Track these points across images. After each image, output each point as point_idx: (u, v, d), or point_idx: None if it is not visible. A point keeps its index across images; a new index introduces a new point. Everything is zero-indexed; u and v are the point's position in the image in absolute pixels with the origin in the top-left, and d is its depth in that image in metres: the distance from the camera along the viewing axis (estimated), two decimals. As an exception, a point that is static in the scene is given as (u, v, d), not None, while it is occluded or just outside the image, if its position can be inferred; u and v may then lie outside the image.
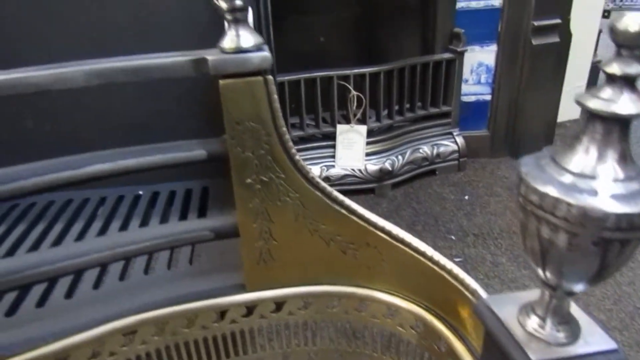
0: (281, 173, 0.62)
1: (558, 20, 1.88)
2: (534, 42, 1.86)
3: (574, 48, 2.06)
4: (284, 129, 0.60)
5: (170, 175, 1.09)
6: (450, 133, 1.99)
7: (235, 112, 0.57)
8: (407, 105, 1.90)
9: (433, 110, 1.93)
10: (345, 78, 1.71)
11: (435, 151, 1.95)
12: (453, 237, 1.58)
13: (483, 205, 1.76)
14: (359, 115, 1.77)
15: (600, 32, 2.37)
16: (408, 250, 0.65)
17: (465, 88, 1.97)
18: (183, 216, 0.95)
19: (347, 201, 0.65)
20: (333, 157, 1.82)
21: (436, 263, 0.62)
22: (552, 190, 0.35)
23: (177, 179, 1.12)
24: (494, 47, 1.92)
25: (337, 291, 0.70)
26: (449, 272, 0.60)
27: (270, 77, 0.57)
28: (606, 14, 2.37)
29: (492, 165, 2.04)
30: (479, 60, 1.95)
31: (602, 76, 2.23)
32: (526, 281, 1.39)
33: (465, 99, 2.00)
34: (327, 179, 1.78)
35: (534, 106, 1.99)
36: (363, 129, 1.78)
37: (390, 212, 1.75)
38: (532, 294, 0.45)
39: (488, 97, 2.01)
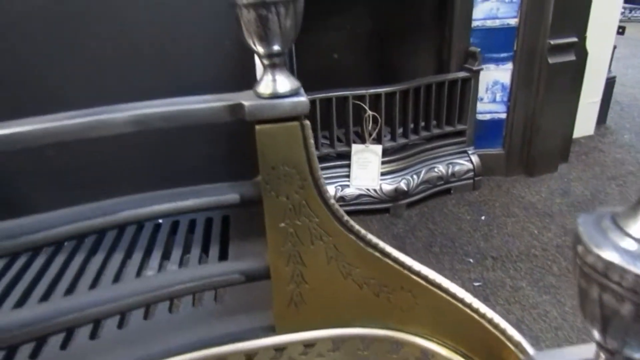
0: (315, 217, 0.60)
1: (574, 39, 1.87)
2: (551, 60, 1.84)
3: (588, 64, 2.04)
4: (320, 172, 0.58)
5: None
6: (465, 151, 1.97)
7: (271, 156, 0.56)
8: (422, 124, 1.89)
9: (448, 128, 1.92)
10: (361, 97, 1.70)
11: (450, 170, 1.93)
12: (471, 260, 1.56)
13: (500, 226, 1.74)
14: (374, 135, 1.75)
15: (614, 47, 2.36)
16: (444, 295, 0.63)
17: (480, 106, 1.96)
18: (205, 247, 0.94)
19: (381, 244, 0.64)
20: (348, 176, 1.80)
21: (475, 310, 0.60)
22: (617, 259, 0.34)
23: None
24: (509, 66, 1.91)
25: (368, 334, 0.69)
26: (489, 320, 0.58)
27: (307, 122, 0.55)
28: (620, 29, 2.35)
29: (507, 184, 2.02)
30: (495, 78, 1.93)
31: (621, 96, 2.19)
32: (547, 307, 1.36)
33: (480, 117, 1.98)
34: (341, 199, 1.77)
35: (550, 124, 1.97)
36: (378, 148, 1.77)
37: (406, 233, 1.73)
38: (585, 351, 0.43)
39: (503, 116, 2.00)
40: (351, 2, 1.92)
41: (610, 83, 2.44)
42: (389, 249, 0.63)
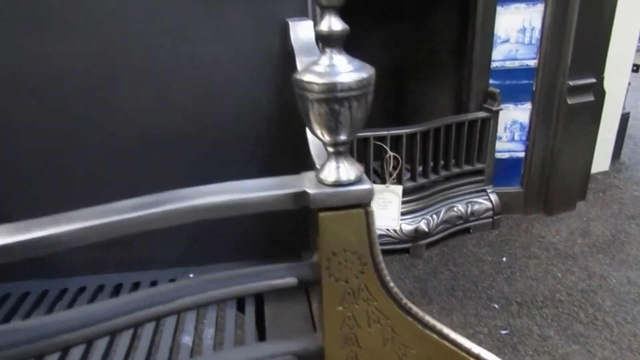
0: (374, 300, 0.59)
1: (593, 80, 1.88)
2: (570, 101, 1.85)
3: (604, 102, 2.05)
4: (380, 257, 0.57)
5: (221, 253, 1.07)
6: (484, 190, 1.96)
7: (333, 243, 0.55)
8: (442, 162, 1.88)
9: (467, 167, 1.91)
10: (382, 138, 1.70)
11: (469, 209, 1.92)
12: (496, 306, 1.53)
13: (522, 268, 1.72)
14: (394, 176, 1.74)
15: (629, 84, 2.37)
16: (505, 380, 0.61)
17: (498, 145, 1.96)
18: (240, 308, 0.92)
19: (439, 325, 0.62)
20: (368, 216, 1.79)
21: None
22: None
23: (228, 259, 1.10)
24: (528, 106, 1.91)
25: (421, 414, 0.66)
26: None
27: (371, 208, 0.54)
28: (635, 67, 2.36)
29: (526, 223, 2.00)
30: (513, 118, 1.94)
31: (634, 130, 2.19)
32: (577, 358, 1.33)
33: (498, 155, 1.98)
34: (361, 240, 1.75)
35: (568, 163, 1.97)
36: (399, 189, 1.76)
37: (427, 275, 1.71)
38: None
39: (521, 154, 1.99)
40: (367, 41, 1.93)
41: (624, 119, 2.44)
42: (446, 330, 0.62)
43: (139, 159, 1.01)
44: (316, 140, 0.64)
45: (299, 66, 0.79)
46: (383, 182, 1.77)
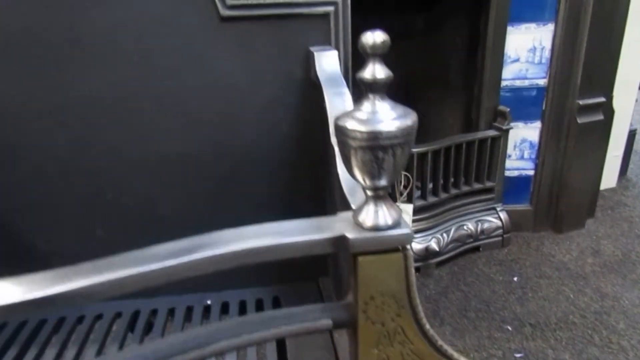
0: (410, 343, 0.58)
1: (602, 99, 1.88)
2: (579, 120, 1.85)
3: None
4: (418, 300, 0.56)
5: (238, 279, 1.06)
6: (494, 208, 1.96)
7: (371, 286, 0.54)
8: (452, 180, 1.88)
9: (477, 185, 1.91)
10: (393, 158, 1.69)
11: (479, 227, 1.91)
12: (509, 328, 1.52)
13: (534, 288, 1.71)
14: (405, 195, 1.74)
15: (636, 101, 2.37)
16: None
17: (508, 163, 1.96)
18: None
19: (473, 367, 0.61)
20: (378, 235, 1.78)
21: None
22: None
23: (244, 284, 1.09)
24: (538, 124, 1.91)
25: None
26: None
27: (409, 252, 0.54)
28: (642, 84, 2.37)
29: (536, 241, 2.00)
30: (523, 136, 1.94)
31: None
32: (593, 382, 1.32)
33: (507, 173, 1.98)
34: (372, 259, 1.74)
35: (577, 181, 1.97)
36: (409, 207, 1.75)
37: (439, 295, 1.70)
38: None
39: (531, 172, 1.99)
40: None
41: (631, 135, 2.45)
42: (481, 372, 0.61)
43: (161, 183, 1.00)
44: (349, 177, 0.63)
45: (326, 98, 0.78)
46: (394, 201, 1.76)
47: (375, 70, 0.48)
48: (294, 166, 1.04)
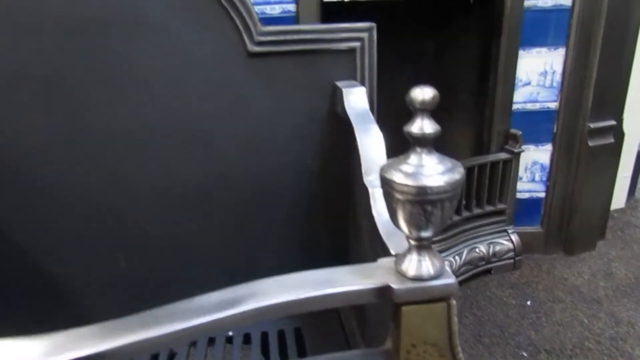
0: (450, 391, 0.58)
1: (613, 122, 1.89)
2: (591, 143, 1.86)
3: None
4: (459, 348, 0.56)
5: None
6: (505, 230, 1.95)
7: (414, 336, 0.54)
8: (464, 202, 1.88)
9: (489, 208, 1.91)
10: (406, 181, 1.70)
11: (491, 250, 1.91)
12: (524, 354, 1.51)
13: (548, 313, 1.70)
14: (418, 217, 1.74)
15: (643, 123, 2.39)
16: None
17: (519, 185, 1.96)
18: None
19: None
20: (391, 258, 1.78)
21: None
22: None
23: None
24: (549, 147, 1.92)
25: None
26: None
27: (453, 301, 0.54)
28: (649, 106, 2.38)
29: (547, 264, 1.99)
30: (534, 158, 1.94)
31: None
32: (612, 411, 1.31)
33: (518, 195, 1.98)
34: (385, 282, 1.74)
35: (588, 203, 1.97)
36: (422, 231, 1.75)
37: (452, 319, 1.69)
38: None
39: (542, 194, 2.00)
40: (385, 80, 1.94)
41: (639, 156, 2.46)
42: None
43: (184, 214, 1.00)
44: (386, 221, 0.64)
45: (357, 136, 0.79)
46: (406, 224, 1.76)
47: (424, 126, 0.48)
48: (315, 198, 1.04)
